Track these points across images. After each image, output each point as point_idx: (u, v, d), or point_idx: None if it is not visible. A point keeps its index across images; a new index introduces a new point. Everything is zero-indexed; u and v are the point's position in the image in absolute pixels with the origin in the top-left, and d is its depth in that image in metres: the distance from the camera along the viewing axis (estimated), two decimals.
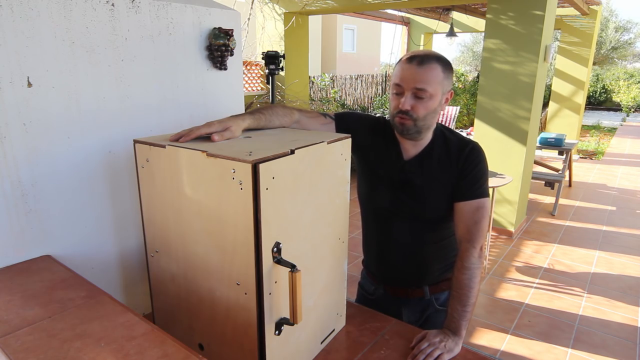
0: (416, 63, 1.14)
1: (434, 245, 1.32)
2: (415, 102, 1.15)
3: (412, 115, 1.16)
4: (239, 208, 0.83)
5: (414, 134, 1.21)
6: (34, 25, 1.02)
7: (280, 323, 0.92)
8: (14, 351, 0.76)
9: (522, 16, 3.70)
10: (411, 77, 1.14)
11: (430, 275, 1.35)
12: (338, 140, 1.04)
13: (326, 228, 1.05)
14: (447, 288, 1.34)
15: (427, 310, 1.37)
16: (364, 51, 16.09)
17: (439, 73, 1.14)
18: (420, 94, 1.14)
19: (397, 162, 1.27)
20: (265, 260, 0.85)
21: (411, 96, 1.15)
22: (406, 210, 1.28)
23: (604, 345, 2.60)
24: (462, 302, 1.17)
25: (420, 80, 1.13)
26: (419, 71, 1.13)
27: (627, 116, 13.52)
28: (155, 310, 1.15)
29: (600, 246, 3.99)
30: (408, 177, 1.26)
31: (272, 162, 0.82)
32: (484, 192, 1.21)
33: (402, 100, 1.16)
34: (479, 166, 1.22)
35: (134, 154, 1.03)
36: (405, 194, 1.27)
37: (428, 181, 1.25)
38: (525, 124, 3.88)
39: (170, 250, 1.03)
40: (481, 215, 1.19)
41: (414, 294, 1.36)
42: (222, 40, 1.41)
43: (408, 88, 1.15)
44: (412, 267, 1.34)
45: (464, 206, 1.21)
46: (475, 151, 1.23)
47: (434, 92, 1.15)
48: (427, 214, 1.27)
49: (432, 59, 1.14)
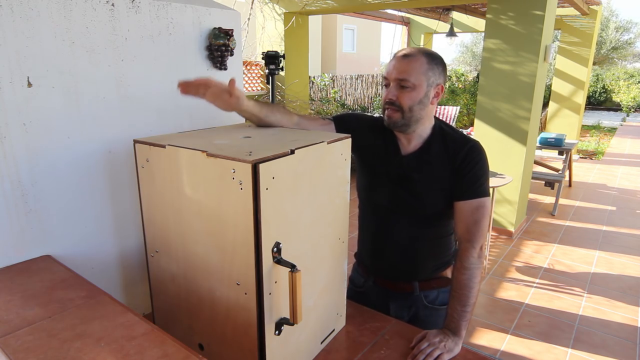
0: (401, 56, 1.19)
1: (429, 242, 1.32)
2: (400, 92, 1.19)
3: (398, 105, 1.19)
4: (239, 208, 0.83)
5: (403, 127, 1.22)
6: (34, 25, 1.02)
7: (280, 323, 0.92)
8: (14, 351, 0.76)
9: (522, 16, 3.70)
10: (394, 68, 1.19)
11: (422, 272, 1.35)
12: (338, 140, 1.04)
13: (326, 228, 1.05)
14: (437, 286, 1.35)
15: (415, 307, 1.36)
16: (364, 51, 16.09)
17: (422, 64, 1.17)
18: (403, 84, 1.18)
19: (395, 158, 1.28)
20: (265, 260, 0.85)
21: (395, 86, 1.19)
22: (404, 206, 1.28)
23: (604, 345, 2.60)
24: (461, 302, 1.17)
25: (403, 71, 1.17)
26: (402, 62, 1.18)
27: (627, 116, 13.51)
28: (155, 310, 1.15)
29: (600, 246, 3.99)
30: (406, 172, 1.26)
31: (272, 162, 0.82)
32: (484, 191, 1.21)
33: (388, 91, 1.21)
34: (478, 165, 1.21)
35: (134, 154, 1.03)
36: (404, 189, 1.27)
37: (426, 177, 1.25)
38: (525, 124, 3.88)
39: (170, 250, 1.03)
40: (481, 214, 1.19)
41: (403, 288, 1.36)
42: (222, 40, 1.41)
43: (392, 79, 1.20)
44: (406, 262, 1.34)
45: (463, 205, 1.21)
46: (475, 149, 1.23)
47: (417, 82, 1.17)
48: (425, 210, 1.27)
49: (417, 52, 1.19)
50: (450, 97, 9.66)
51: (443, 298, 1.36)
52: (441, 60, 1.21)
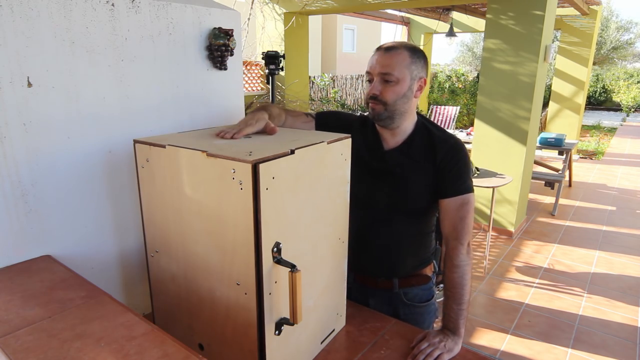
0: (383, 50, 1.19)
1: (410, 239, 1.33)
2: (384, 87, 1.18)
3: (381, 99, 1.19)
4: (239, 208, 0.83)
5: (386, 120, 1.22)
6: (34, 25, 1.02)
7: (280, 323, 0.92)
8: (14, 351, 0.76)
9: (522, 16, 3.70)
10: (377, 63, 1.18)
11: (402, 269, 1.35)
12: (338, 140, 1.04)
13: (326, 228, 1.05)
14: (416, 284, 1.37)
15: (395, 304, 1.37)
16: (364, 51, 16.08)
17: (405, 58, 1.17)
18: (387, 78, 1.17)
19: (377, 152, 1.29)
20: (265, 260, 0.85)
21: (379, 81, 1.19)
22: (386, 201, 1.29)
23: (604, 345, 2.60)
24: (457, 300, 1.18)
25: (386, 65, 1.17)
26: (385, 56, 1.18)
27: (627, 116, 13.51)
28: (155, 310, 1.15)
29: (600, 246, 3.99)
30: (388, 167, 1.27)
31: (272, 162, 0.82)
32: (468, 187, 1.22)
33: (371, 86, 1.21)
34: (460, 162, 1.22)
35: (134, 154, 1.03)
36: (386, 184, 1.28)
37: (408, 172, 1.25)
38: (525, 124, 3.88)
39: (170, 250, 1.03)
40: (466, 211, 1.20)
41: (382, 284, 1.36)
42: (222, 40, 1.41)
43: (375, 73, 1.19)
44: (386, 258, 1.34)
45: (448, 203, 1.22)
46: (457, 147, 1.24)
47: (401, 76, 1.17)
48: (407, 205, 1.28)
49: (398, 46, 1.18)
50: (450, 97, 9.66)
51: (422, 295, 1.37)
52: (423, 54, 1.22)
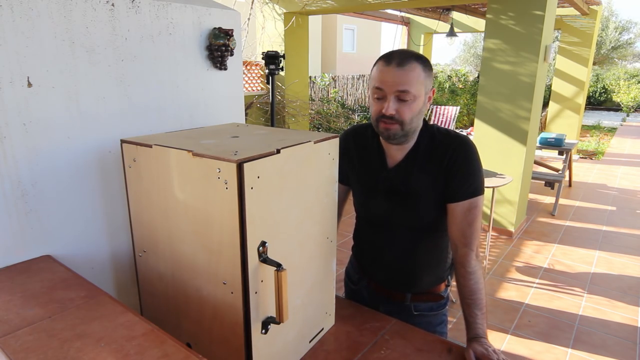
0: (395, 64, 1.08)
1: (426, 256, 1.30)
2: (399, 106, 1.09)
3: (398, 119, 1.10)
4: (225, 207, 0.83)
5: (401, 138, 1.15)
6: (34, 25, 1.02)
7: (267, 322, 0.92)
8: (14, 351, 0.76)
9: (522, 16, 3.70)
10: (392, 79, 1.08)
11: (417, 287, 1.33)
12: (325, 139, 1.03)
13: (313, 227, 1.04)
14: (427, 300, 1.34)
15: (405, 314, 1.35)
16: (364, 51, 16.08)
17: (420, 72, 1.09)
18: (404, 97, 1.08)
19: (381, 171, 1.24)
20: (251, 259, 0.85)
21: (394, 100, 1.09)
22: (398, 219, 1.26)
23: (604, 345, 2.60)
24: (478, 306, 1.16)
25: (403, 83, 1.07)
26: (399, 73, 1.07)
27: (627, 116, 13.51)
28: (143, 309, 1.15)
29: (600, 246, 3.99)
30: (394, 184, 1.23)
31: (257, 161, 0.82)
32: (476, 190, 1.16)
33: (385, 105, 1.10)
34: (467, 162, 1.16)
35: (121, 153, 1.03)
36: (394, 202, 1.24)
37: (416, 185, 1.20)
38: (525, 124, 3.88)
39: (157, 250, 1.04)
40: (474, 215, 1.16)
41: (395, 297, 1.35)
42: (222, 40, 1.41)
43: (390, 92, 1.09)
44: (402, 276, 1.32)
45: (455, 207, 1.17)
46: (463, 147, 1.17)
47: (417, 93, 1.09)
48: (419, 220, 1.24)
49: (411, 59, 1.08)
50: (450, 97, 9.66)
51: (431, 307, 1.35)
52: (430, 64, 1.15)
